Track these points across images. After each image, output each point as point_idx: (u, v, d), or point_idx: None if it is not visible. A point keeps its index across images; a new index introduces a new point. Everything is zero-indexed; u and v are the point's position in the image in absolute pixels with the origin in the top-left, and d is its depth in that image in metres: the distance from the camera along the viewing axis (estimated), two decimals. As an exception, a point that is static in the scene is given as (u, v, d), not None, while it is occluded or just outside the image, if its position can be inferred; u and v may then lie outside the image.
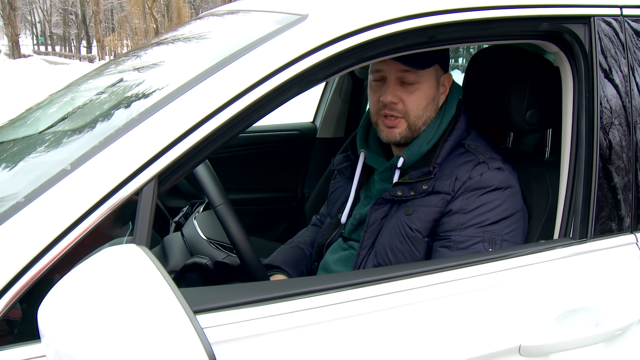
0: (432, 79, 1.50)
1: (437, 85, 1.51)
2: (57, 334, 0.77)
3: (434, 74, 1.50)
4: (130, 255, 0.82)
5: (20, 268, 0.89)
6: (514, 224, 1.40)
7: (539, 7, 1.25)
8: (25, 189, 0.96)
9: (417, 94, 1.48)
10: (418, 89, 1.48)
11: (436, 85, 1.51)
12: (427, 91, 1.49)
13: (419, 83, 1.48)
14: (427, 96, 1.49)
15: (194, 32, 1.59)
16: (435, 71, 1.50)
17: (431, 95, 1.50)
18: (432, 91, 1.50)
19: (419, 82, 1.48)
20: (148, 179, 0.97)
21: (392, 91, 1.49)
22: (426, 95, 1.49)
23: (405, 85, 1.48)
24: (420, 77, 1.47)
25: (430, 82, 1.49)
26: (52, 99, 1.61)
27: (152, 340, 0.75)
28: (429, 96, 1.50)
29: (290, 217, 2.88)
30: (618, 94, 1.30)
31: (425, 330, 1.12)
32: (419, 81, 1.48)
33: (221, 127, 1.01)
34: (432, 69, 1.49)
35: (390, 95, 1.48)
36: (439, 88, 1.52)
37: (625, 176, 1.30)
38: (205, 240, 1.76)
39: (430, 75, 1.49)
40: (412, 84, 1.48)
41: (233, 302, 0.99)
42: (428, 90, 1.49)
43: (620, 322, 1.23)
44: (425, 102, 1.50)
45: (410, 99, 1.48)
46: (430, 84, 1.49)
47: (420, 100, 1.49)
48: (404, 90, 1.48)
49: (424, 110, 1.50)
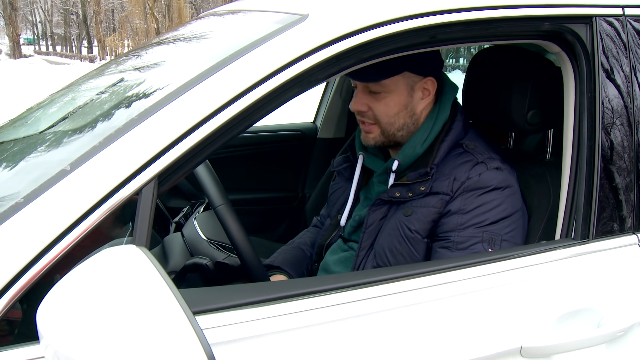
0: (402, 86, 1.47)
1: (409, 92, 1.49)
2: (56, 335, 0.76)
3: (404, 82, 1.47)
4: (130, 256, 0.82)
5: (20, 269, 0.89)
6: (514, 224, 1.40)
7: (540, 7, 1.24)
8: (25, 189, 0.96)
9: (385, 101, 1.47)
10: (385, 97, 1.47)
11: (408, 92, 1.48)
12: (397, 99, 1.48)
13: (386, 92, 1.47)
14: (396, 103, 1.48)
15: (194, 32, 1.58)
16: (405, 78, 1.47)
17: (402, 102, 1.48)
18: (402, 98, 1.48)
19: (386, 91, 1.47)
20: (148, 179, 0.97)
21: (360, 99, 1.50)
22: (396, 102, 1.48)
23: (373, 94, 1.48)
24: (384, 86, 1.46)
25: (400, 90, 1.47)
26: (53, 99, 1.61)
27: (152, 341, 0.75)
28: (399, 103, 1.48)
29: (291, 217, 2.88)
30: (620, 94, 1.30)
31: (427, 331, 1.11)
32: (386, 90, 1.47)
33: (221, 128, 1.01)
34: (401, 77, 1.46)
35: (358, 104, 1.50)
36: (412, 94, 1.49)
37: (627, 176, 1.30)
38: (205, 240, 1.76)
39: (398, 83, 1.47)
40: (378, 92, 1.47)
41: (233, 303, 0.98)
42: (398, 97, 1.48)
43: (622, 323, 1.22)
44: (396, 110, 1.48)
45: (378, 106, 1.48)
46: (399, 91, 1.47)
47: (389, 108, 1.48)
48: (372, 98, 1.48)
49: (395, 117, 1.49)
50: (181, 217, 2.15)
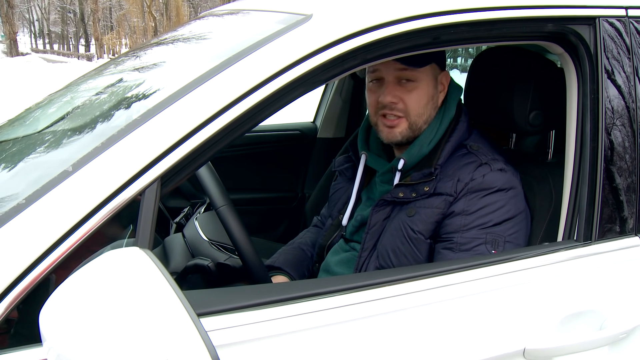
0: (430, 77, 1.49)
1: (435, 84, 1.51)
2: (58, 337, 0.76)
3: (432, 72, 1.49)
4: (133, 258, 0.82)
5: (22, 270, 0.88)
6: (517, 226, 1.39)
7: (544, 8, 1.24)
8: (27, 190, 0.95)
9: (416, 92, 1.48)
10: (417, 87, 1.47)
11: (434, 84, 1.50)
12: (426, 89, 1.49)
13: (417, 81, 1.47)
14: (426, 94, 1.49)
15: (197, 31, 1.58)
16: (433, 69, 1.50)
17: (430, 93, 1.50)
18: (430, 89, 1.50)
19: (417, 81, 1.47)
20: (151, 180, 0.96)
21: (391, 91, 1.48)
22: (425, 93, 1.49)
23: (403, 85, 1.48)
24: (418, 75, 1.47)
25: (428, 80, 1.49)
26: (54, 99, 1.60)
27: (156, 344, 0.74)
28: (428, 94, 1.49)
29: (291, 217, 2.88)
30: (623, 95, 1.29)
31: (430, 333, 1.11)
32: (417, 79, 1.47)
33: (225, 128, 1.00)
34: (429, 67, 1.48)
35: (390, 96, 1.48)
36: (437, 86, 1.51)
37: (629, 178, 1.30)
38: (206, 241, 1.75)
39: (427, 74, 1.48)
40: (410, 82, 1.47)
41: (237, 305, 0.97)
42: (427, 88, 1.49)
43: (625, 325, 1.22)
44: (425, 100, 1.49)
45: (410, 97, 1.48)
46: (428, 82, 1.49)
47: (420, 98, 1.48)
48: (403, 89, 1.48)
49: (425, 108, 1.49)
50: (182, 218, 2.14)
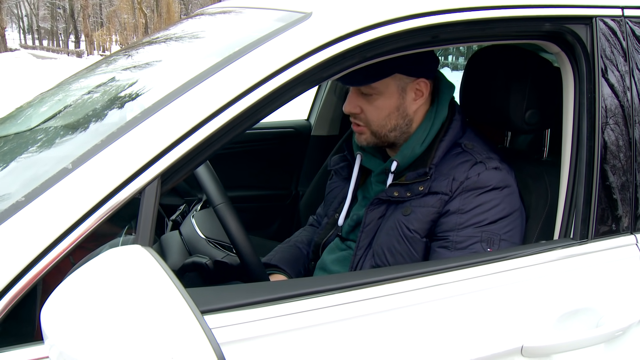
0: (393, 88, 1.47)
1: (400, 94, 1.48)
2: (60, 335, 0.75)
3: (395, 83, 1.46)
4: (135, 256, 0.81)
5: (23, 267, 0.88)
6: (512, 224, 1.40)
7: (541, 7, 1.24)
8: (26, 188, 0.94)
9: (377, 103, 1.47)
10: (377, 99, 1.47)
11: (399, 94, 1.48)
12: (388, 101, 1.47)
13: (377, 94, 1.46)
14: (388, 106, 1.47)
15: (195, 29, 1.57)
16: (396, 80, 1.46)
17: (393, 104, 1.48)
18: (393, 100, 1.48)
19: (377, 93, 1.46)
20: (151, 178, 0.96)
21: (353, 101, 1.49)
22: (387, 104, 1.47)
23: (364, 96, 1.48)
24: (375, 88, 1.46)
25: (390, 92, 1.47)
26: (52, 96, 1.58)
27: (161, 342, 0.74)
28: (391, 106, 1.48)
29: (284, 215, 2.87)
30: (620, 94, 1.30)
31: (428, 331, 1.11)
32: (377, 92, 1.46)
33: (225, 126, 1.00)
34: (391, 79, 1.46)
35: (350, 105, 1.50)
36: (405, 96, 1.48)
37: (626, 177, 1.31)
38: (204, 239, 1.75)
39: (388, 85, 1.46)
40: (370, 94, 1.47)
41: (238, 303, 0.97)
42: (388, 99, 1.47)
43: (621, 323, 1.23)
44: (387, 112, 1.48)
45: (370, 109, 1.48)
46: (390, 93, 1.47)
47: (380, 110, 1.48)
48: (364, 100, 1.48)
49: (387, 119, 1.48)
50: (178, 216, 2.13)
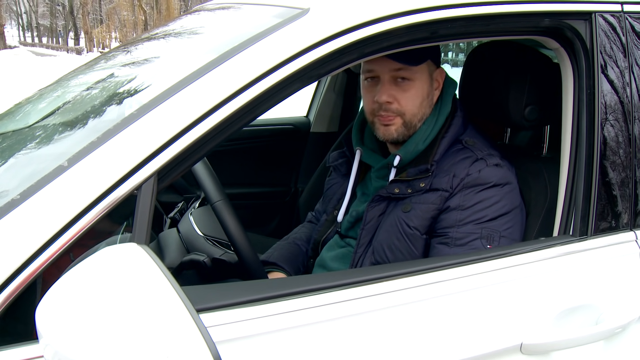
0: (425, 75, 1.48)
1: (430, 81, 1.50)
2: (55, 334, 0.75)
3: (427, 70, 1.48)
4: (131, 254, 0.81)
5: (18, 266, 0.87)
6: (512, 221, 1.39)
7: (540, 3, 1.24)
8: (21, 186, 0.94)
9: (412, 91, 1.46)
10: (412, 87, 1.46)
11: (430, 81, 1.49)
12: (421, 88, 1.48)
13: (413, 80, 1.46)
14: (421, 93, 1.48)
15: (192, 25, 1.56)
16: (428, 67, 1.48)
17: (425, 91, 1.49)
18: (426, 87, 1.48)
19: (413, 80, 1.46)
20: (148, 175, 0.95)
21: (386, 90, 1.46)
22: (421, 92, 1.48)
23: (399, 84, 1.46)
24: (413, 74, 1.45)
25: (424, 79, 1.48)
26: (47, 93, 1.57)
27: (155, 341, 0.73)
28: (424, 93, 1.48)
29: (284, 211, 2.87)
30: (619, 90, 1.30)
31: (427, 329, 1.11)
32: (413, 78, 1.46)
33: (222, 123, 1.00)
34: (425, 65, 1.47)
35: (385, 95, 1.46)
36: (432, 84, 1.50)
37: (625, 173, 1.30)
38: (202, 236, 1.74)
39: (423, 72, 1.47)
40: (406, 81, 1.46)
41: (236, 301, 0.97)
42: (422, 86, 1.48)
43: (620, 320, 1.23)
44: (420, 99, 1.48)
45: (405, 97, 1.47)
46: (423, 80, 1.48)
47: (415, 97, 1.47)
48: (398, 88, 1.47)
49: (420, 107, 1.48)
50: (176, 213, 2.13)
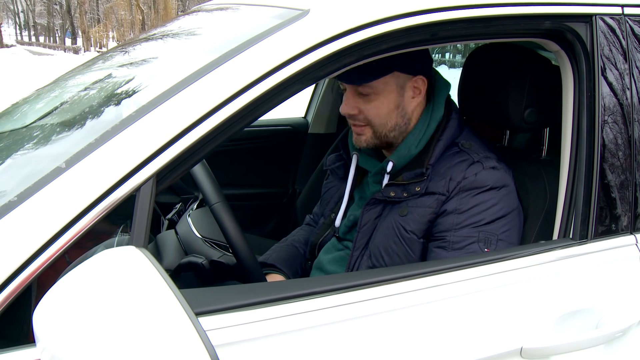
0: (392, 86, 1.45)
1: (399, 92, 1.46)
2: (53, 338, 0.74)
3: (393, 81, 1.45)
4: (129, 257, 0.80)
5: (14, 269, 0.86)
6: (510, 224, 1.39)
7: (541, 5, 1.23)
8: (18, 187, 0.93)
9: (375, 103, 1.45)
10: (375, 99, 1.45)
11: (398, 92, 1.46)
12: (387, 99, 1.45)
13: (376, 93, 1.44)
14: (387, 104, 1.46)
15: (192, 26, 1.55)
16: (395, 78, 1.45)
17: (393, 102, 1.46)
18: (392, 99, 1.46)
19: (375, 93, 1.44)
20: (146, 177, 0.95)
21: (350, 102, 1.47)
22: (386, 103, 1.45)
23: (362, 96, 1.46)
24: (373, 87, 1.44)
25: (390, 90, 1.45)
26: (45, 93, 1.57)
27: (154, 345, 0.73)
28: (390, 104, 1.46)
29: (281, 213, 2.86)
30: (619, 93, 1.29)
31: (426, 333, 1.10)
32: (375, 91, 1.44)
33: (222, 125, 0.99)
34: (390, 77, 1.44)
35: (348, 107, 1.47)
36: (403, 94, 1.47)
37: (625, 176, 1.30)
38: (200, 238, 1.73)
39: (387, 83, 1.44)
40: (367, 94, 1.45)
41: (235, 304, 0.96)
42: (388, 98, 1.45)
43: (621, 324, 1.22)
44: (387, 110, 1.46)
45: (368, 108, 1.46)
46: (389, 92, 1.45)
47: (380, 108, 1.45)
48: (362, 100, 1.46)
49: (387, 117, 1.47)
50: (174, 214, 2.12)
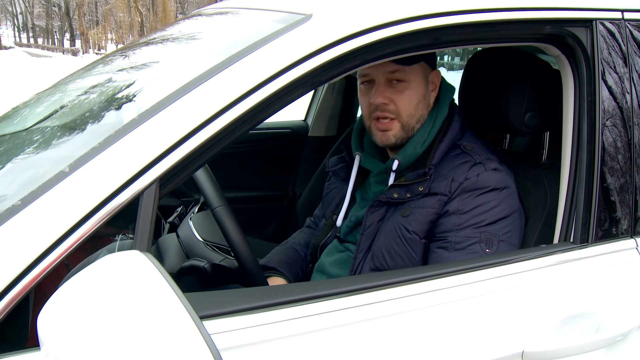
0: (420, 76, 1.49)
1: (426, 83, 1.50)
2: (57, 342, 0.74)
3: (422, 71, 1.49)
4: (133, 261, 0.80)
5: (18, 273, 0.87)
6: (511, 225, 1.39)
7: (541, 10, 1.24)
8: (22, 191, 0.93)
9: (407, 92, 1.47)
10: (407, 88, 1.47)
11: (425, 83, 1.50)
12: (417, 89, 1.48)
13: (408, 81, 1.47)
14: (417, 94, 1.49)
15: (193, 30, 1.56)
16: (423, 68, 1.49)
17: (421, 92, 1.49)
18: (421, 89, 1.49)
19: (407, 81, 1.47)
20: (149, 182, 0.95)
21: (382, 92, 1.48)
22: (416, 93, 1.48)
23: (394, 85, 1.47)
24: (407, 75, 1.46)
25: (419, 80, 1.49)
26: (51, 96, 1.56)
27: (159, 349, 0.73)
28: (419, 94, 1.49)
29: (281, 216, 2.86)
30: (619, 97, 1.30)
31: (428, 336, 1.10)
32: (407, 79, 1.47)
33: (225, 129, 0.99)
34: (419, 66, 1.48)
35: (381, 97, 1.48)
36: (428, 85, 1.51)
37: (626, 180, 1.30)
38: (201, 242, 1.73)
39: (417, 73, 1.48)
40: (401, 82, 1.47)
41: (239, 308, 0.96)
42: (417, 87, 1.48)
43: (621, 327, 1.23)
44: (416, 100, 1.49)
45: (401, 98, 1.47)
46: (418, 81, 1.49)
47: (411, 98, 1.48)
48: (394, 90, 1.47)
49: (416, 108, 1.49)
50: (175, 218, 2.11)
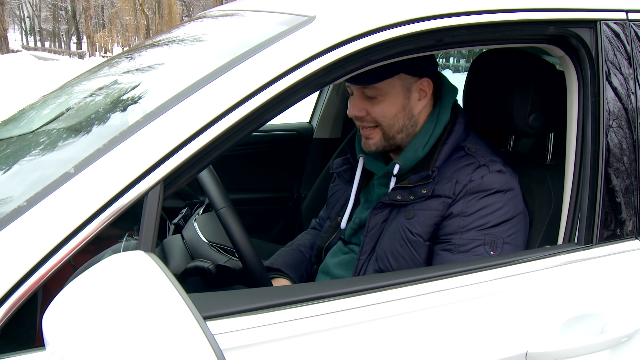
0: (398, 87, 1.47)
1: (405, 94, 1.48)
2: (62, 342, 0.75)
3: (400, 83, 1.47)
4: (138, 262, 0.80)
5: (24, 272, 0.87)
6: (515, 227, 1.39)
7: (545, 11, 1.24)
8: (28, 192, 0.94)
9: (382, 105, 1.47)
10: (382, 101, 1.47)
11: (404, 94, 1.48)
12: (394, 101, 1.47)
13: (382, 95, 1.46)
14: (394, 105, 1.47)
15: (198, 32, 1.56)
16: (401, 80, 1.47)
17: (399, 104, 1.48)
18: (399, 100, 1.48)
19: (382, 94, 1.46)
20: (154, 183, 0.95)
21: (357, 105, 1.49)
22: (393, 104, 1.47)
23: (369, 98, 1.47)
24: (380, 89, 1.45)
25: (396, 92, 1.47)
26: (57, 98, 1.57)
27: (163, 349, 0.73)
28: (397, 105, 1.48)
29: (286, 217, 2.86)
30: (624, 98, 1.30)
31: (432, 337, 1.11)
32: (381, 93, 1.46)
33: (229, 130, 0.99)
34: (396, 79, 1.46)
35: (355, 109, 1.49)
36: (409, 96, 1.49)
37: (630, 181, 1.30)
38: (206, 243, 1.74)
39: (394, 85, 1.46)
40: (374, 97, 1.47)
41: (243, 308, 0.97)
42: (394, 99, 1.47)
43: (626, 328, 1.22)
44: (394, 111, 1.48)
45: (375, 109, 1.47)
46: (396, 93, 1.47)
47: (386, 110, 1.47)
48: (369, 102, 1.48)
49: (394, 118, 1.48)
50: (180, 219, 2.12)
